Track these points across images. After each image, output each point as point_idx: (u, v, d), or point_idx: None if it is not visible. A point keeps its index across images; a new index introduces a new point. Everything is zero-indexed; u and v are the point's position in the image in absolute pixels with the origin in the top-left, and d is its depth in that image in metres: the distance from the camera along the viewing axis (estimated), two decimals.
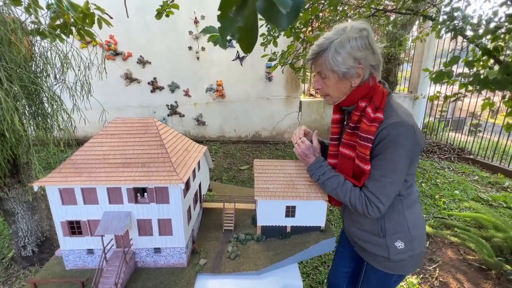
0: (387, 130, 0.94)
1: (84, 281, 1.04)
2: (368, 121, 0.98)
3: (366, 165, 1.00)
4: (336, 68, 0.96)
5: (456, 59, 1.63)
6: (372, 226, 1.12)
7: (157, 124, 1.18)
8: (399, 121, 0.94)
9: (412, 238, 1.09)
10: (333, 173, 1.10)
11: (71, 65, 1.92)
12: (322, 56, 0.98)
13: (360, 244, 1.21)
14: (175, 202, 1.07)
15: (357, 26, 0.95)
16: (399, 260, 1.11)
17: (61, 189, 1.03)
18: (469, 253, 2.63)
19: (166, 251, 1.14)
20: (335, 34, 0.96)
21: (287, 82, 5.41)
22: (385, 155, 0.96)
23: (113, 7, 2.08)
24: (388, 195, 0.99)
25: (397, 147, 0.94)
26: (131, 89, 5.26)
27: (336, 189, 1.07)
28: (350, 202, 1.04)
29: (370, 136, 0.96)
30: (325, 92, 1.07)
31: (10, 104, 1.55)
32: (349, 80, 1.00)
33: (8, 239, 2.71)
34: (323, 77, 1.03)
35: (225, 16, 0.30)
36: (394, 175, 0.98)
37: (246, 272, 1.13)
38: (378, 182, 0.99)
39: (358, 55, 0.94)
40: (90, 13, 1.97)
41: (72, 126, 1.95)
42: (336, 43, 0.94)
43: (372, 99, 1.00)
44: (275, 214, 1.29)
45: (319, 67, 1.02)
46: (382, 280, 1.20)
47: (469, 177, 4.42)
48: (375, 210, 1.00)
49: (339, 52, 0.94)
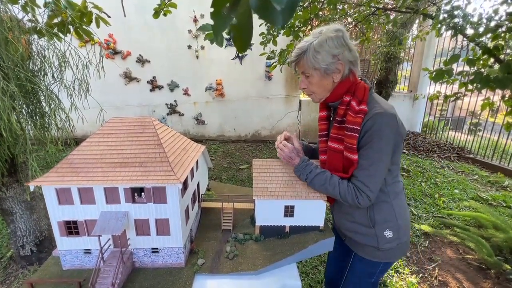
0: (372, 120, 1.01)
1: (81, 281, 1.03)
2: (353, 113, 1.04)
3: (354, 155, 1.05)
4: (318, 65, 1.04)
5: (456, 57, 1.62)
6: (362, 217, 1.17)
7: (154, 123, 1.18)
8: (382, 112, 1.01)
9: (399, 226, 1.16)
10: (319, 170, 1.15)
11: (69, 64, 1.91)
12: (304, 57, 1.06)
13: (350, 236, 1.26)
14: (173, 202, 1.06)
15: (333, 27, 1.05)
16: (388, 249, 1.18)
17: (57, 189, 1.03)
18: (469, 253, 2.63)
19: (164, 251, 1.13)
20: (313, 37, 1.05)
21: (286, 81, 5.39)
22: (371, 144, 1.02)
23: (111, 6, 2.07)
24: (376, 182, 1.05)
25: (381, 136, 1.01)
26: (130, 88, 5.24)
27: (324, 185, 1.12)
28: (340, 194, 1.09)
29: (357, 126, 1.03)
30: (310, 90, 1.14)
31: (6, 103, 1.54)
32: (331, 76, 1.07)
33: (7, 239, 2.70)
34: (307, 76, 1.10)
35: (218, 13, 0.29)
36: (381, 163, 1.04)
37: (245, 272, 1.12)
38: (366, 170, 1.04)
39: (335, 51, 1.03)
40: (88, 12, 1.96)
41: (70, 125, 1.95)
42: (315, 43, 1.03)
43: (355, 93, 1.07)
44: (273, 214, 1.29)
45: (302, 67, 1.10)
46: (369, 269, 1.26)
47: (468, 176, 4.42)
48: (365, 198, 1.05)
49: (318, 51, 1.02)
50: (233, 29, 0.30)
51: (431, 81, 3.77)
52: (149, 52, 5.06)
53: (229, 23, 0.29)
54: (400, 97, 6.13)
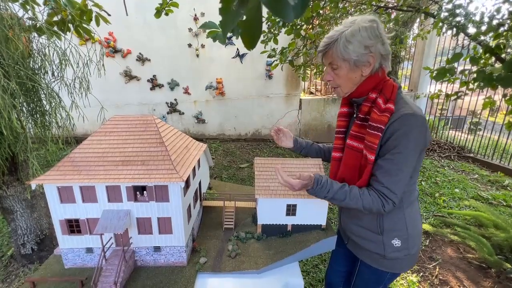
0: (400, 122, 0.94)
1: (83, 280, 1.03)
2: (378, 111, 0.98)
3: (371, 155, 0.99)
4: (347, 56, 0.97)
5: (459, 56, 1.61)
6: (371, 222, 1.11)
7: (156, 122, 1.17)
8: (411, 113, 0.94)
9: (409, 236, 1.09)
10: (336, 186, 1.04)
11: (69, 62, 1.90)
12: (333, 46, 0.99)
13: (355, 241, 1.21)
14: (175, 200, 1.05)
15: (367, 17, 0.98)
16: (394, 258, 1.11)
17: (59, 187, 1.02)
18: (469, 252, 2.63)
19: (166, 250, 1.13)
20: (345, 26, 0.98)
21: (287, 80, 5.38)
22: (399, 148, 0.95)
23: (111, 4, 2.06)
24: (402, 187, 0.99)
25: (409, 139, 0.94)
26: (130, 87, 5.23)
27: (344, 200, 1.03)
28: (363, 207, 1.01)
29: (381, 125, 0.96)
30: (336, 83, 1.07)
31: (7, 101, 1.53)
32: (360, 69, 1.00)
33: (7, 237, 2.70)
34: (335, 68, 1.03)
35: (227, 9, 0.29)
36: (407, 168, 0.98)
37: (247, 271, 1.12)
38: (394, 176, 0.97)
39: (368, 42, 0.96)
40: (88, 10, 1.95)
41: (70, 124, 1.94)
42: (346, 33, 0.96)
43: (382, 91, 1.01)
44: (276, 213, 1.28)
45: (330, 58, 1.02)
46: (377, 276, 1.21)
47: (469, 176, 4.42)
48: (390, 204, 0.99)
49: (349, 41, 0.96)
50: (242, 25, 0.29)
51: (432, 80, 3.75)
52: (149, 51, 5.04)
53: (238, 19, 0.28)
54: None
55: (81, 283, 1.02)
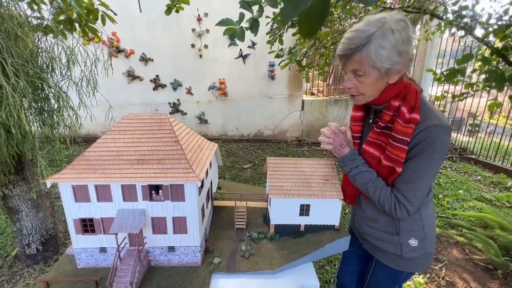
0: (426, 133, 0.89)
1: (98, 280, 1.02)
2: (403, 122, 0.92)
3: (399, 167, 0.95)
4: (379, 64, 0.87)
5: (470, 57, 1.61)
6: (387, 224, 1.11)
7: (170, 121, 1.16)
8: (438, 124, 0.89)
9: (425, 236, 1.09)
10: (366, 168, 1.05)
11: (77, 61, 1.89)
12: (362, 51, 0.87)
13: (371, 242, 1.20)
14: (191, 200, 1.05)
15: (396, 17, 0.87)
16: (411, 258, 1.10)
17: (74, 186, 1.01)
18: (475, 253, 2.63)
19: (180, 250, 1.12)
20: (371, 26, 0.86)
21: (289, 81, 5.38)
22: (420, 158, 0.92)
23: (115, 4, 2.05)
24: (419, 197, 0.97)
25: (434, 150, 0.90)
26: (133, 87, 5.22)
27: (366, 184, 1.03)
28: (378, 200, 1.01)
29: (407, 138, 0.91)
30: (359, 91, 0.97)
31: (17, 99, 1.52)
32: (388, 77, 0.92)
33: (11, 237, 2.68)
34: (360, 75, 0.93)
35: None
36: (428, 178, 0.95)
37: (262, 271, 1.11)
38: (411, 185, 0.95)
39: (402, 48, 0.86)
40: (94, 9, 1.95)
41: (78, 123, 1.93)
42: (378, 35, 0.84)
43: (406, 98, 0.94)
44: (289, 213, 1.28)
45: (356, 63, 0.91)
46: (392, 276, 1.20)
47: (471, 177, 4.42)
48: (403, 211, 0.98)
49: (382, 46, 0.85)
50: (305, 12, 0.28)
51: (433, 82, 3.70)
52: (152, 51, 5.04)
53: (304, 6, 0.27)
54: None
55: (95, 283, 1.01)
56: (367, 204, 1.17)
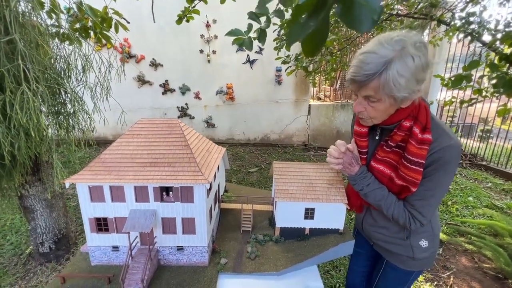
0: (440, 154, 0.90)
1: (111, 277, 1.07)
2: (417, 143, 0.90)
3: (414, 188, 0.95)
4: (397, 93, 0.82)
5: (476, 63, 1.62)
6: (398, 231, 1.14)
7: (181, 125, 1.22)
8: (452, 144, 0.89)
9: (434, 236, 1.13)
10: (377, 185, 1.05)
11: (92, 67, 1.99)
12: (380, 78, 0.81)
13: (382, 246, 1.23)
14: (200, 201, 1.09)
15: (415, 39, 0.80)
16: (423, 258, 1.14)
17: (90, 187, 1.07)
18: (485, 261, 2.58)
19: (188, 250, 1.16)
20: (389, 49, 0.79)
21: (296, 86, 5.43)
22: (435, 177, 0.93)
23: (128, 11, 2.15)
24: (433, 211, 1.01)
25: (447, 169, 0.92)
26: (143, 91, 5.36)
27: (379, 201, 1.04)
28: (392, 216, 1.04)
29: (421, 160, 0.90)
30: (369, 115, 0.94)
31: (37, 104, 1.61)
32: (402, 103, 0.88)
33: (25, 236, 2.78)
34: (374, 101, 0.88)
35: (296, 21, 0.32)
36: (440, 194, 0.98)
37: (267, 273, 1.14)
38: (426, 201, 0.98)
39: (420, 76, 0.81)
40: (108, 18, 2.06)
41: (91, 127, 2.02)
42: (397, 62, 0.78)
43: (417, 118, 0.92)
44: (294, 216, 1.31)
45: (371, 90, 0.85)
46: (402, 278, 1.23)
47: (482, 184, 4.34)
48: (417, 224, 1.01)
49: (402, 74, 0.79)
50: (308, 35, 0.32)
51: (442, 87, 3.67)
52: (162, 56, 5.17)
53: (307, 31, 0.31)
54: None
55: (108, 279, 1.06)
56: (377, 214, 1.19)
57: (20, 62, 1.48)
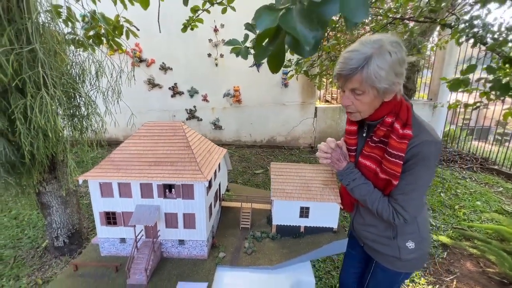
0: (419, 148, 0.96)
1: (118, 266, 1.16)
2: (397, 138, 0.98)
3: (395, 180, 1.02)
4: (378, 84, 0.92)
5: (473, 68, 1.64)
6: (385, 229, 1.18)
7: (184, 128, 1.31)
8: (431, 140, 0.96)
9: (422, 239, 1.16)
10: (363, 180, 1.11)
11: (104, 72, 2.12)
12: (362, 71, 0.92)
13: (370, 245, 1.27)
14: (199, 198, 1.17)
15: (391, 39, 0.93)
16: (411, 259, 1.17)
17: (101, 183, 1.18)
18: (490, 266, 2.54)
19: (189, 243, 1.25)
20: (368, 47, 0.91)
21: (302, 88, 5.47)
22: (415, 171, 0.99)
23: (140, 17, 2.28)
24: (415, 205, 1.05)
25: (426, 164, 0.98)
26: (153, 94, 5.54)
27: (364, 196, 1.10)
28: (377, 210, 1.09)
29: (401, 153, 0.97)
30: (357, 109, 1.02)
31: (54, 107, 1.75)
32: (384, 96, 0.97)
33: (42, 231, 2.95)
34: (359, 94, 0.97)
35: (260, 45, 0.40)
36: (422, 189, 1.04)
37: (262, 266, 1.21)
38: (407, 196, 1.03)
39: (398, 70, 0.92)
40: (120, 26, 2.20)
41: (103, 128, 2.15)
42: (376, 57, 0.90)
43: (398, 115, 1.00)
44: (290, 214, 1.37)
45: (356, 83, 0.95)
46: (391, 278, 1.26)
47: (492, 188, 4.24)
48: (401, 220, 1.05)
49: (381, 67, 0.90)
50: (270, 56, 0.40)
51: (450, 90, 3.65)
52: (171, 60, 5.34)
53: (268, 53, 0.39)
54: (420, 105, 6.01)
55: (116, 268, 1.16)
56: (365, 211, 1.24)
57: (40, 69, 1.62)
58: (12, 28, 1.62)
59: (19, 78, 1.58)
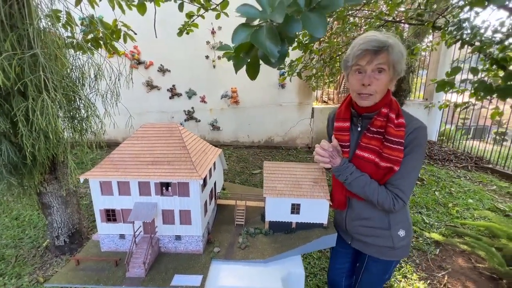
0: (415, 134, 1.08)
1: (118, 260, 1.22)
2: (395, 126, 1.08)
3: (397, 166, 1.09)
4: (398, 66, 1.04)
5: (458, 69, 1.70)
6: (381, 221, 1.23)
7: (180, 129, 1.37)
8: (422, 126, 1.09)
9: (409, 225, 1.26)
10: (360, 173, 1.16)
11: (103, 75, 2.18)
12: (388, 50, 1.00)
13: (363, 240, 1.31)
14: (194, 195, 1.24)
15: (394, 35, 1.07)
16: (401, 246, 1.25)
17: (101, 182, 1.24)
18: (481, 262, 2.61)
19: (185, 239, 1.31)
20: (387, 36, 1.03)
21: (299, 89, 5.55)
22: (412, 155, 1.09)
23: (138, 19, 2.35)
24: (412, 188, 1.15)
25: (420, 148, 1.09)
26: (151, 96, 5.60)
27: (363, 188, 1.14)
28: (377, 200, 1.13)
29: (401, 140, 1.07)
30: (374, 89, 1.06)
31: (55, 110, 1.81)
32: (393, 81, 1.09)
33: (42, 230, 3.00)
34: (380, 72, 1.04)
35: (238, 56, 0.47)
36: (416, 172, 1.13)
37: (254, 260, 1.27)
38: (406, 180, 1.11)
39: (405, 62, 1.06)
40: (117, 30, 2.27)
41: (102, 130, 2.21)
42: (397, 44, 1.02)
43: (391, 106, 1.11)
44: (281, 211, 1.43)
45: (382, 59, 1.02)
46: (384, 267, 1.33)
47: (486, 187, 4.32)
48: (400, 203, 1.12)
49: (402, 52, 1.03)
50: (247, 65, 0.47)
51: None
52: (169, 62, 5.41)
53: (245, 63, 0.46)
54: (415, 105, 6.09)
55: (115, 262, 1.22)
56: (359, 205, 1.27)
57: (41, 73, 1.68)
58: (14, 33, 1.68)
59: (21, 82, 1.64)
